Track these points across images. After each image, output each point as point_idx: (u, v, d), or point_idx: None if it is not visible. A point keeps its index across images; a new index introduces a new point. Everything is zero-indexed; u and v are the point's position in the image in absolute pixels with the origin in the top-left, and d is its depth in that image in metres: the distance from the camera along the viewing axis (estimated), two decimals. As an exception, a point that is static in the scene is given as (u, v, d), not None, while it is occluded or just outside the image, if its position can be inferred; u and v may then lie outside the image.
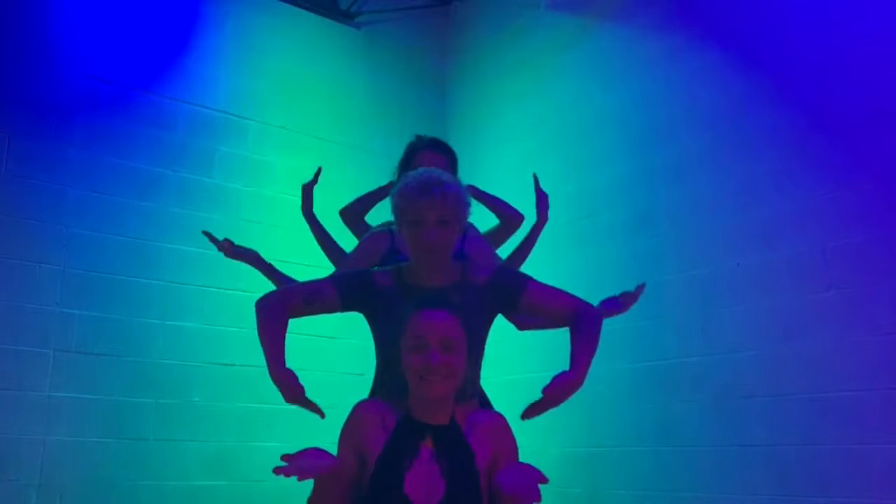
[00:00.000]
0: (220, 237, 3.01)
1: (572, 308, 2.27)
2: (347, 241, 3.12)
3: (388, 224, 2.81)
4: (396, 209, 2.25)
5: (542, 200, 3.19)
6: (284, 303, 2.25)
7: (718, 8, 4.35)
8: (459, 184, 2.28)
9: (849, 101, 3.69)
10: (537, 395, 2.25)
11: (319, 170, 3.28)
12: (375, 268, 2.45)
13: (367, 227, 3.12)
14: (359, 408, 2.09)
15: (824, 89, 3.79)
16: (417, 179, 2.21)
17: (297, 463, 1.87)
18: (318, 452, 1.91)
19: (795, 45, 3.94)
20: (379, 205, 3.23)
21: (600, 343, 2.29)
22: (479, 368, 2.33)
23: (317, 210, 3.25)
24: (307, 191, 3.26)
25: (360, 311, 2.29)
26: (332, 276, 2.37)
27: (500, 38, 5.66)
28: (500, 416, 2.15)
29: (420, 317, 2.02)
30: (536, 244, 3.11)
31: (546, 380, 2.11)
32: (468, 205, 2.27)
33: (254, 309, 2.26)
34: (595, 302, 2.56)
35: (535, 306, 2.29)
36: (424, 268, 2.25)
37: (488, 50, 5.74)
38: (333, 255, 3.12)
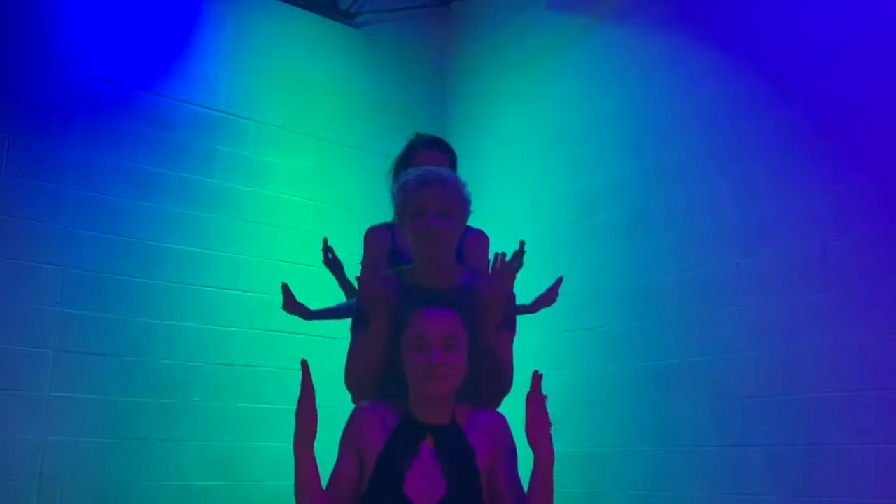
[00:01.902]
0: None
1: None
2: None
3: (386, 223, 2.81)
4: (398, 204, 2.26)
5: (548, 299, 3.04)
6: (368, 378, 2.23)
7: (718, 8, 4.35)
8: (459, 178, 2.28)
9: (849, 102, 3.68)
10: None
11: (285, 286, 3.07)
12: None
13: None
14: (359, 409, 2.10)
15: (824, 89, 3.79)
16: (417, 174, 2.23)
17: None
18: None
19: (795, 45, 3.94)
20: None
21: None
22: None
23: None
24: (291, 307, 3.07)
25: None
26: (353, 324, 2.35)
27: (499, 38, 5.66)
28: (500, 415, 2.15)
29: (421, 315, 2.02)
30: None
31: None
32: (468, 200, 2.27)
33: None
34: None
35: (486, 349, 2.24)
36: (426, 263, 2.25)
37: (488, 50, 5.73)
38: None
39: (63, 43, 4.40)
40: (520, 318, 2.54)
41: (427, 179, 2.19)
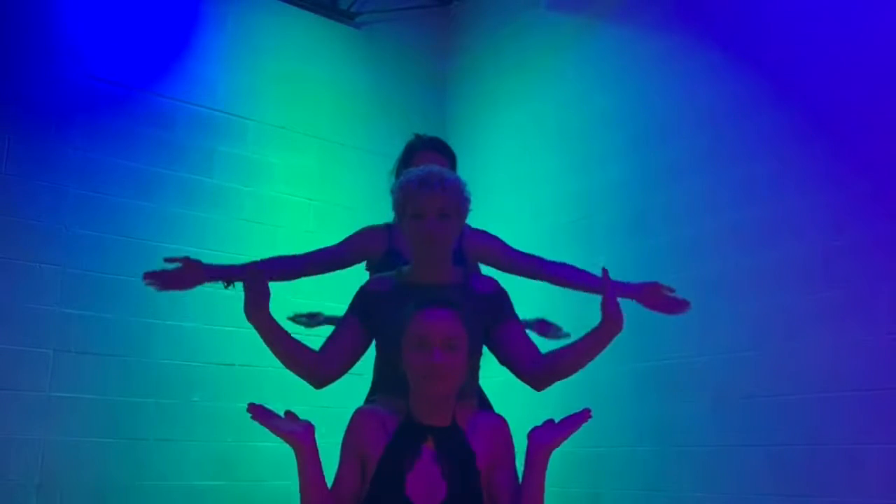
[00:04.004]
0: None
1: (533, 366, 2.27)
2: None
3: (387, 223, 2.81)
4: (397, 203, 2.27)
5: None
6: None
7: (718, 8, 4.35)
8: (460, 178, 2.29)
9: (848, 102, 3.68)
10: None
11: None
12: (376, 274, 2.45)
13: None
14: (358, 413, 2.10)
15: (824, 89, 3.79)
16: (418, 174, 2.24)
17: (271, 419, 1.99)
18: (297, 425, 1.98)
19: (795, 45, 3.94)
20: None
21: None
22: (479, 368, 2.33)
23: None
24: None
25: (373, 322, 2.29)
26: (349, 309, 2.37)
27: (499, 37, 5.66)
28: (501, 417, 2.15)
29: (422, 315, 2.02)
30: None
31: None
32: (468, 200, 2.28)
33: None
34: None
35: (504, 342, 2.28)
36: (425, 262, 2.26)
37: (488, 50, 5.73)
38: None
39: (63, 43, 4.40)
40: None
41: (427, 180, 2.20)
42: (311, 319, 3.26)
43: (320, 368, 2.25)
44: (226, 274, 2.75)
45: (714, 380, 4.01)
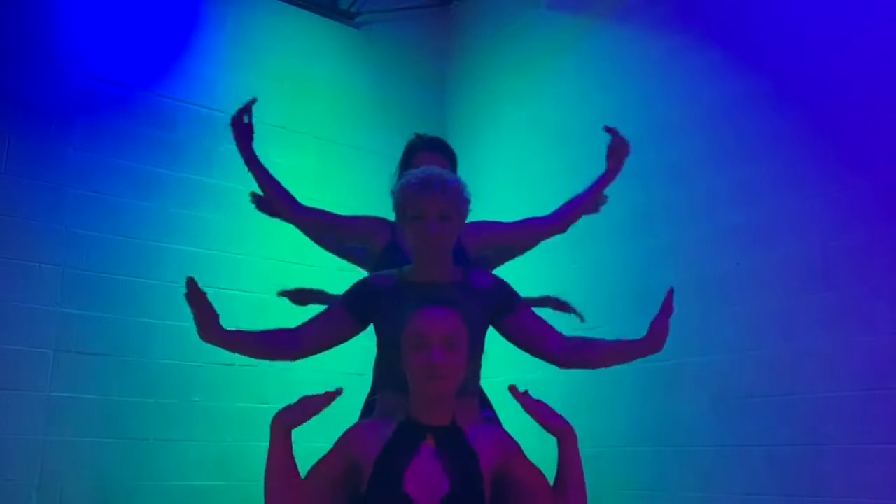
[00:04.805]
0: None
1: (558, 345, 2.32)
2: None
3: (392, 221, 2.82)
4: (398, 205, 2.27)
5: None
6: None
7: (718, 8, 4.35)
8: (460, 180, 2.30)
9: (848, 102, 3.68)
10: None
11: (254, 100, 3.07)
12: (377, 272, 2.46)
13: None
14: (355, 424, 2.12)
15: (824, 89, 3.79)
16: (419, 176, 2.24)
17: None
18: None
19: (795, 45, 3.94)
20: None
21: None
22: (480, 365, 2.33)
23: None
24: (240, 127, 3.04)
25: (370, 318, 2.29)
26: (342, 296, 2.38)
27: (499, 37, 5.66)
28: (501, 427, 2.16)
29: (422, 314, 2.02)
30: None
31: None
32: (468, 200, 2.29)
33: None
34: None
35: (518, 330, 2.30)
36: (426, 263, 2.27)
37: (488, 50, 5.73)
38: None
39: (63, 43, 4.40)
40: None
41: (428, 182, 2.20)
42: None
43: (291, 342, 2.30)
44: (253, 165, 3.10)
45: (714, 380, 4.01)
